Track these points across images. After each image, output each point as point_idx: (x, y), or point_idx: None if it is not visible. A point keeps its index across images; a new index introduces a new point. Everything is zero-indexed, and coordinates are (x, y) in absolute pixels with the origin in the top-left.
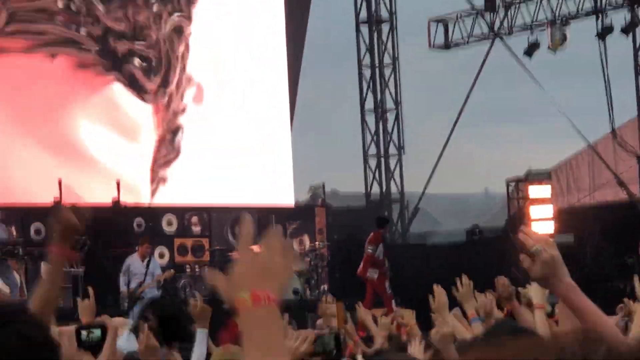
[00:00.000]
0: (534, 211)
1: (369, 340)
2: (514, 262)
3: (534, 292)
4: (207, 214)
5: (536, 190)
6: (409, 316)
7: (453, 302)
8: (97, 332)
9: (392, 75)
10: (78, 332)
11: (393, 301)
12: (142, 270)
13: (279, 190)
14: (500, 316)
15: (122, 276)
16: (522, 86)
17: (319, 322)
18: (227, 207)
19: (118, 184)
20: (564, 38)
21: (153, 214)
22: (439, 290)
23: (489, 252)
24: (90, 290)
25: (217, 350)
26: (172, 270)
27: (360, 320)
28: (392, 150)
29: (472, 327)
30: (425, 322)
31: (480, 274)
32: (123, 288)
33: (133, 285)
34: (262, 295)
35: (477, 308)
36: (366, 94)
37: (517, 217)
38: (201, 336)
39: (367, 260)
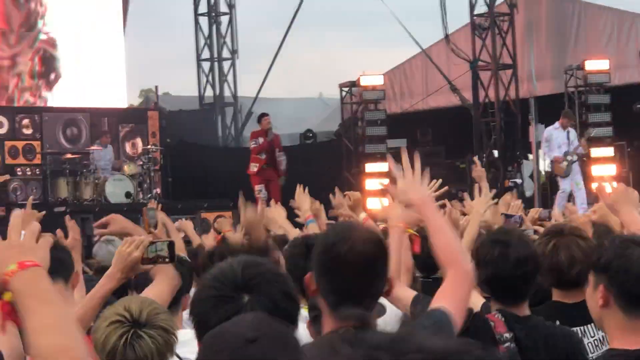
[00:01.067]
0: (367, 115)
1: None
2: (346, 165)
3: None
4: (38, 116)
5: (369, 94)
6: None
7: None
8: None
9: None
10: None
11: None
12: None
13: (112, 93)
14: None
15: None
16: None
17: None
18: (59, 108)
19: None
20: None
21: None
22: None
23: (323, 155)
24: None
25: None
26: (7, 174)
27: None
28: (226, 54)
29: (308, 228)
30: None
31: (314, 176)
32: None
33: None
34: (28, 263)
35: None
36: None
37: (351, 121)
38: None
39: (250, 155)
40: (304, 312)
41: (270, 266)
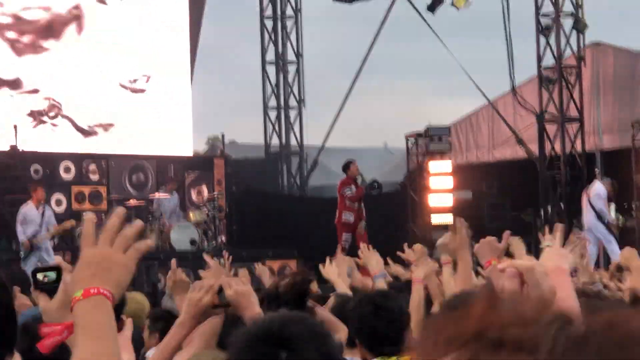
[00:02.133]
0: (433, 166)
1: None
2: (411, 217)
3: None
4: (105, 161)
5: (435, 146)
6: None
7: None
8: (52, 275)
9: (294, 27)
10: (34, 275)
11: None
12: (38, 220)
13: (178, 140)
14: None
15: (19, 225)
16: (423, 41)
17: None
18: (125, 155)
19: (15, 130)
20: None
21: (50, 160)
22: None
23: (388, 206)
24: None
25: None
26: (72, 220)
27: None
28: (293, 102)
29: (377, 283)
30: (318, 271)
31: (379, 228)
32: (22, 237)
33: (29, 232)
34: (92, 291)
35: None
36: (267, 45)
37: (416, 172)
38: None
39: (341, 203)
40: None
41: (310, 323)
